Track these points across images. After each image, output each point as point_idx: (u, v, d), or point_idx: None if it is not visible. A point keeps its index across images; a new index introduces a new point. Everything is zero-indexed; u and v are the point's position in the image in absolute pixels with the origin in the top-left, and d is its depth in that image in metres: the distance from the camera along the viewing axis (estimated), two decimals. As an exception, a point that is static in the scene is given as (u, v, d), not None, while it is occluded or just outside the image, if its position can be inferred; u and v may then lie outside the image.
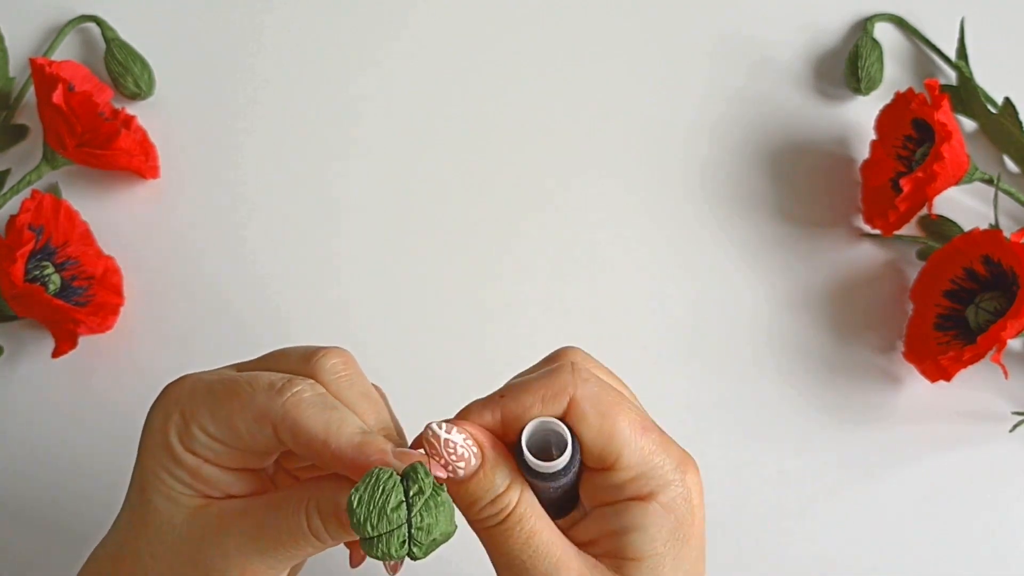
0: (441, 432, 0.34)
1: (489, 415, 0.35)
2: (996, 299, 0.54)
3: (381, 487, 0.32)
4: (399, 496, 0.32)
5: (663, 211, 0.60)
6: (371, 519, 0.32)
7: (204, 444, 0.36)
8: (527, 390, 0.35)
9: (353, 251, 0.59)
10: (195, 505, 0.36)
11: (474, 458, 0.34)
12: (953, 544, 0.54)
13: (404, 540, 0.32)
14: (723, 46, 0.63)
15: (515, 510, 0.35)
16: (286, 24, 0.63)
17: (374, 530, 0.32)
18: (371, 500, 0.32)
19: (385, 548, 0.32)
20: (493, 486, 0.35)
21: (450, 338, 0.57)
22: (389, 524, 0.32)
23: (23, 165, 0.59)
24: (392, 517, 0.32)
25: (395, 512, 0.32)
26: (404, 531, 0.32)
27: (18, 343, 0.56)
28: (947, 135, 0.54)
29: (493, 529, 0.35)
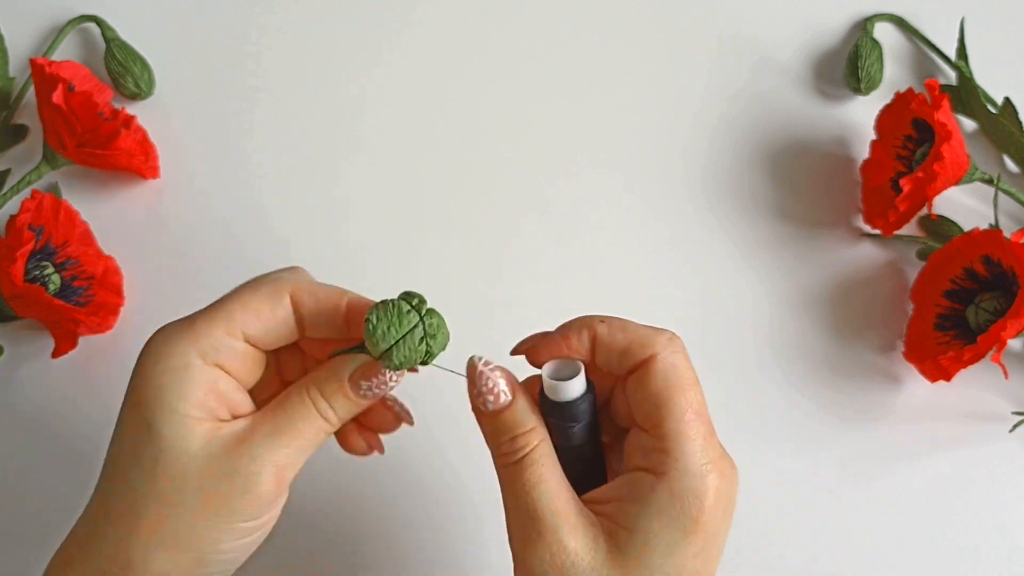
0: (479, 364, 0.38)
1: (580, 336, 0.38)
2: (996, 299, 0.54)
3: (390, 303, 0.37)
4: (407, 306, 0.37)
5: (663, 211, 0.60)
6: (393, 325, 0.37)
7: (228, 347, 0.38)
8: (625, 328, 0.38)
9: (354, 250, 0.59)
10: (206, 430, 0.37)
11: (503, 395, 0.38)
12: (953, 544, 0.54)
13: (422, 337, 0.37)
14: (723, 46, 0.63)
15: (531, 453, 0.37)
16: (286, 24, 0.63)
17: (397, 333, 0.37)
18: (386, 313, 0.37)
19: (410, 347, 0.37)
20: (517, 423, 0.38)
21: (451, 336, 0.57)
22: (408, 324, 0.37)
23: (23, 165, 0.59)
24: (408, 318, 0.37)
25: (408, 315, 0.37)
26: (420, 329, 0.37)
27: (18, 343, 0.56)
28: (947, 135, 0.54)
29: (510, 467, 0.38)
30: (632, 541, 0.36)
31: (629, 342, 0.38)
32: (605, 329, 0.38)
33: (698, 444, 0.37)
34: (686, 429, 0.37)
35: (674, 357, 0.38)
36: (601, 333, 0.38)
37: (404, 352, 0.37)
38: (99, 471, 0.40)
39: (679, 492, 0.36)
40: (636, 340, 0.38)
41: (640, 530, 0.36)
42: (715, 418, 0.55)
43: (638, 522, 0.36)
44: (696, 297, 0.58)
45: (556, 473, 0.38)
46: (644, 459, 0.37)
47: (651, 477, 0.37)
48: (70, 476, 0.54)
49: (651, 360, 0.37)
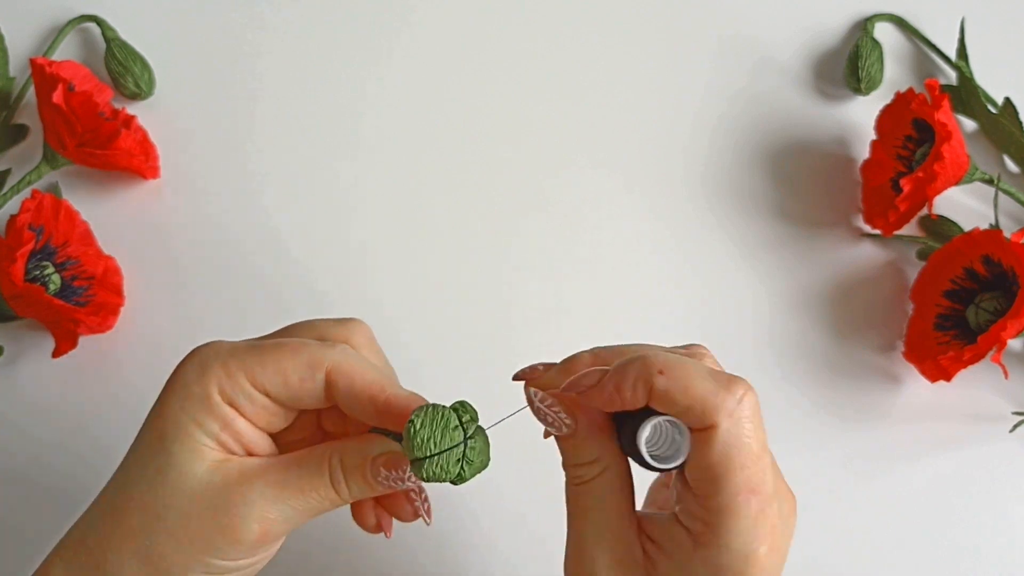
0: (535, 399, 0.37)
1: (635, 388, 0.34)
2: (996, 299, 0.54)
3: (440, 412, 0.36)
4: (455, 421, 0.36)
5: (664, 210, 0.60)
6: (434, 437, 0.35)
7: (246, 393, 0.37)
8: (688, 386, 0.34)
9: (355, 250, 0.59)
10: (217, 459, 0.37)
11: (564, 427, 0.36)
12: (953, 544, 0.54)
13: (459, 458, 0.36)
14: (723, 46, 0.63)
15: (592, 482, 0.37)
16: (286, 24, 0.63)
17: (436, 447, 0.35)
18: (433, 422, 0.35)
19: (443, 464, 0.35)
20: (579, 454, 0.37)
21: (449, 337, 0.57)
22: (450, 442, 0.35)
23: (23, 165, 0.59)
24: (453, 435, 0.35)
25: (455, 431, 0.35)
26: (460, 450, 0.36)
27: (18, 343, 0.56)
28: (947, 135, 0.54)
29: (571, 488, 0.37)
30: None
31: (689, 405, 0.33)
32: (663, 383, 0.34)
33: (747, 523, 0.34)
34: (736, 508, 0.34)
35: (738, 428, 0.34)
36: (659, 387, 0.34)
37: (435, 468, 0.35)
38: (99, 470, 0.40)
39: (716, 567, 0.35)
40: (698, 403, 0.33)
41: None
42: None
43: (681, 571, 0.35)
44: (696, 297, 0.58)
45: (614, 501, 0.37)
46: (688, 519, 0.36)
47: (691, 542, 0.35)
48: (70, 475, 0.54)
49: (711, 430, 0.34)
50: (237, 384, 0.37)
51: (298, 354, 0.37)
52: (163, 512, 0.37)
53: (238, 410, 0.37)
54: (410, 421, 0.35)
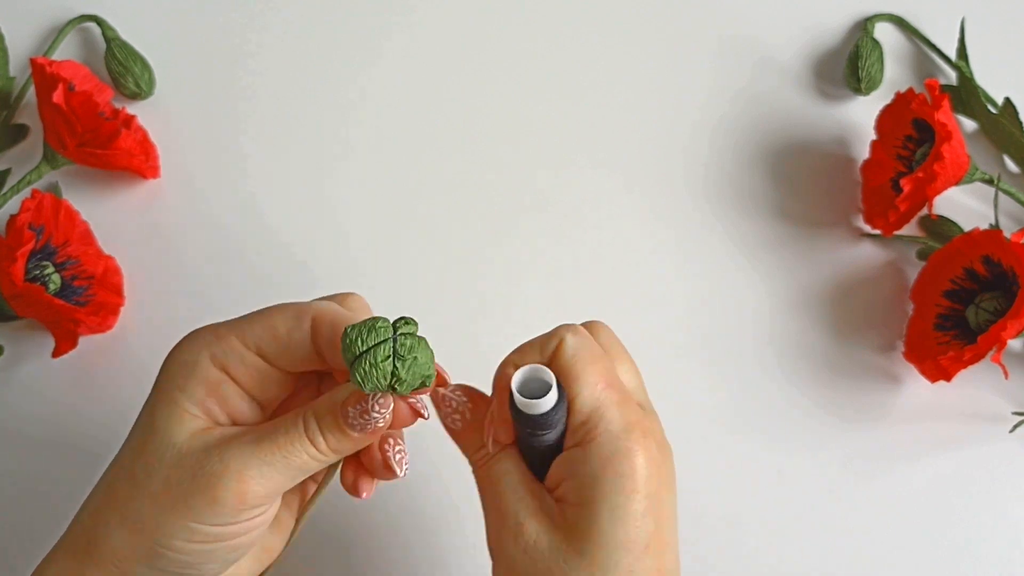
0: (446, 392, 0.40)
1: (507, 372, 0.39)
2: (996, 299, 0.54)
3: (374, 318, 0.36)
4: (386, 322, 0.36)
5: (664, 210, 0.60)
6: (361, 335, 0.35)
7: (237, 354, 0.38)
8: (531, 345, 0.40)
9: (354, 250, 0.59)
10: (199, 427, 0.38)
11: (468, 413, 0.40)
12: (953, 544, 0.54)
13: (389, 355, 0.35)
14: (724, 46, 0.63)
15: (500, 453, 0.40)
16: (286, 24, 0.63)
17: (363, 344, 0.35)
18: (363, 324, 0.35)
19: (372, 359, 0.35)
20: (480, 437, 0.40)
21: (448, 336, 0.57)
22: (376, 337, 0.35)
23: (23, 165, 0.59)
24: (380, 331, 0.35)
25: (382, 329, 0.36)
26: (389, 346, 0.35)
27: (18, 343, 0.56)
28: (947, 135, 0.54)
29: (479, 471, 0.40)
30: (581, 515, 0.37)
31: (539, 347, 0.39)
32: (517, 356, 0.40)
33: (614, 410, 0.38)
34: (600, 397, 0.38)
35: (576, 339, 0.39)
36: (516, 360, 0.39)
37: (365, 365, 0.35)
38: (99, 470, 0.40)
39: (607, 455, 0.38)
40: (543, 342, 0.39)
41: (584, 502, 0.37)
42: (715, 417, 0.56)
43: (581, 494, 0.38)
44: (696, 297, 0.58)
45: (521, 469, 0.39)
46: (572, 437, 0.39)
47: (578, 449, 0.38)
48: (70, 475, 0.54)
49: (559, 346, 0.39)
50: (227, 344, 0.38)
51: (285, 309, 0.39)
52: (145, 479, 0.37)
53: (228, 372, 0.38)
54: (344, 329, 0.36)
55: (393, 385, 0.36)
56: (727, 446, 0.55)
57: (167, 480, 0.37)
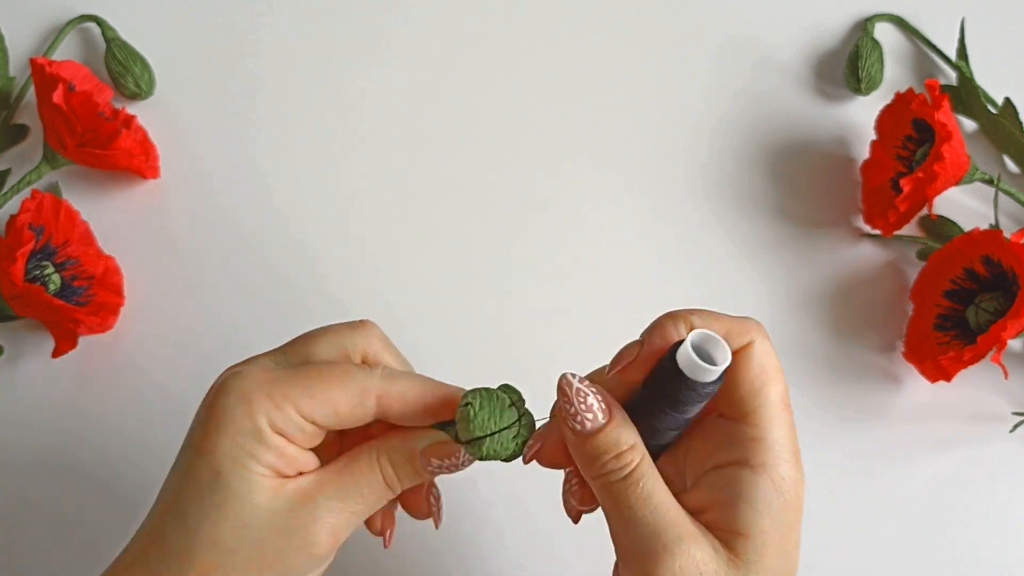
0: (574, 381, 0.37)
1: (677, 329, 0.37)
2: (996, 299, 0.54)
3: (494, 394, 0.38)
4: (509, 401, 0.38)
5: (664, 210, 0.60)
6: (494, 417, 0.37)
7: (296, 425, 0.38)
8: (718, 318, 0.37)
9: (355, 249, 0.59)
10: (273, 486, 0.38)
11: (601, 414, 0.36)
12: (953, 544, 0.54)
13: (515, 435, 0.38)
14: (724, 47, 0.63)
15: (638, 467, 0.36)
16: (286, 24, 0.63)
17: (496, 425, 0.37)
18: (489, 403, 0.38)
19: (503, 441, 0.38)
20: (619, 441, 0.36)
21: (449, 337, 0.57)
22: (508, 419, 0.38)
23: (23, 165, 0.59)
24: (509, 413, 0.38)
25: (510, 410, 0.38)
26: (517, 428, 0.38)
27: (18, 343, 0.56)
28: (947, 135, 0.54)
29: (615, 484, 0.36)
30: (749, 545, 0.36)
31: (727, 330, 0.36)
32: (699, 320, 0.37)
33: (789, 434, 0.37)
34: (778, 415, 0.37)
35: (767, 344, 0.37)
36: (697, 324, 0.36)
37: (495, 445, 0.38)
38: (98, 470, 0.40)
39: (779, 483, 0.36)
40: (734, 328, 0.37)
41: (754, 533, 0.36)
42: (715, 418, 0.56)
43: (750, 524, 0.36)
44: (696, 297, 0.58)
45: (663, 485, 0.37)
46: (732, 451, 0.37)
47: (748, 471, 0.36)
48: (70, 476, 0.54)
49: (749, 347, 0.37)
50: (286, 416, 0.38)
51: (345, 384, 0.38)
52: (235, 546, 0.37)
53: (288, 439, 0.38)
54: (467, 404, 0.37)
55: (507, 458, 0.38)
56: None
57: (260, 544, 0.37)
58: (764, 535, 0.36)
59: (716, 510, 0.37)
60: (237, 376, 0.38)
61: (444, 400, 0.39)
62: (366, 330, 0.41)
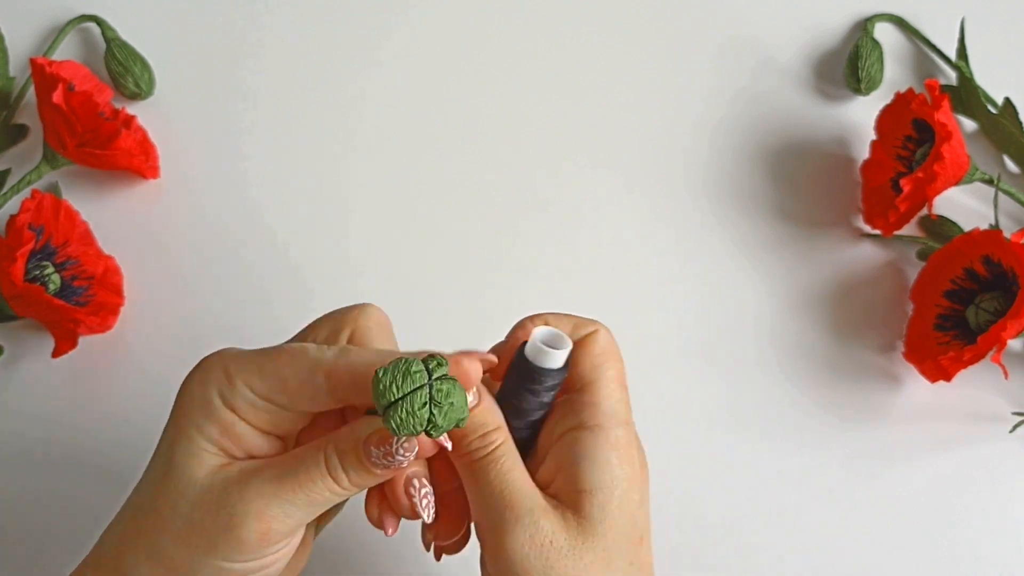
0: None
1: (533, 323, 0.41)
2: (996, 299, 0.54)
3: (404, 360, 0.34)
4: (420, 366, 0.34)
5: (664, 211, 0.60)
6: (396, 380, 0.34)
7: (246, 399, 0.37)
8: (569, 316, 0.42)
9: (354, 250, 0.59)
10: (217, 463, 0.38)
11: (472, 396, 0.38)
12: (953, 544, 0.54)
13: (426, 401, 0.34)
14: (724, 47, 0.63)
15: (500, 447, 0.39)
16: (286, 24, 0.63)
17: (398, 391, 0.34)
18: (395, 368, 0.34)
19: (408, 407, 0.34)
20: (485, 422, 0.39)
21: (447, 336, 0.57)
22: (412, 383, 0.34)
23: (23, 165, 0.59)
24: (415, 377, 0.34)
25: (417, 374, 0.34)
26: (426, 392, 0.34)
27: (18, 343, 0.56)
28: (947, 135, 0.54)
29: (478, 462, 0.39)
30: (595, 502, 0.38)
31: (574, 323, 0.41)
32: (553, 318, 0.41)
33: (621, 406, 0.40)
34: (615, 391, 0.40)
35: (610, 336, 0.41)
36: (551, 320, 0.41)
37: (401, 413, 0.34)
38: (98, 470, 0.40)
39: (614, 440, 0.39)
40: (579, 323, 0.41)
41: (596, 488, 0.38)
42: (715, 417, 0.56)
43: (592, 479, 0.38)
44: (696, 297, 0.58)
45: (521, 466, 0.39)
46: (574, 417, 0.40)
47: (585, 432, 0.39)
48: (70, 475, 0.54)
49: (593, 334, 0.41)
50: (236, 389, 0.37)
51: (296, 360, 0.37)
52: (169, 515, 0.37)
53: (238, 414, 0.38)
54: (375, 373, 0.34)
55: (428, 431, 0.35)
56: (727, 446, 0.55)
57: (191, 519, 0.37)
58: (607, 489, 0.38)
59: (562, 473, 0.39)
60: (213, 353, 0.39)
61: None
62: (363, 312, 0.40)
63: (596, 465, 0.38)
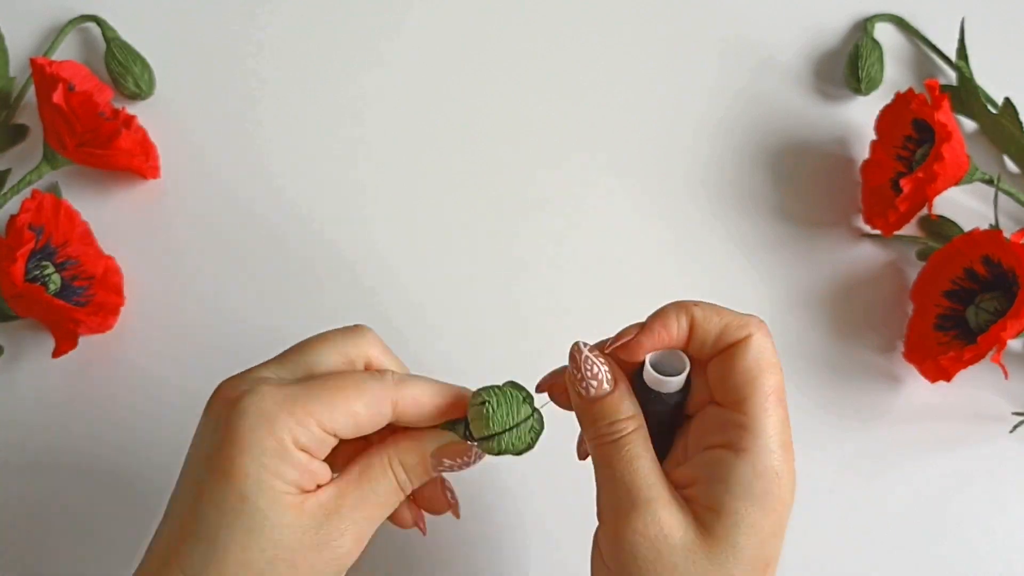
0: (584, 350, 0.40)
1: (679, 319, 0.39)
2: (996, 299, 0.54)
3: (506, 392, 0.40)
4: (522, 397, 0.40)
5: (664, 211, 0.60)
6: (511, 412, 0.39)
7: (319, 439, 0.38)
8: (720, 312, 0.39)
9: (355, 249, 0.59)
10: (297, 503, 0.38)
11: (606, 383, 0.39)
12: (953, 544, 0.54)
13: (530, 428, 0.40)
14: (724, 47, 0.63)
15: (630, 435, 0.39)
16: (286, 24, 0.63)
17: (512, 421, 0.39)
18: (504, 399, 0.39)
19: (520, 435, 0.39)
20: (617, 410, 0.39)
21: (450, 338, 0.57)
22: (524, 414, 0.39)
23: (23, 165, 0.59)
24: (524, 408, 0.39)
25: (524, 406, 0.40)
26: (531, 422, 0.40)
27: (18, 343, 0.56)
28: (947, 135, 0.54)
29: (607, 445, 0.39)
30: (720, 523, 0.37)
31: (726, 323, 0.39)
32: (701, 312, 0.39)
33: (778, 424, 0.38)
34: (769, 407, 0.38)
35: (766, 340, 0.39)
36: (698, 316, 0.39)
37: (512, 440, 0.39)
38: (98, 470, 0.40)
39: (761, 469, 0.37)
40: (733, 321, 0.39)
41: (726, 512, 0.37)
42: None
43: (724, 503, 0.37)
44: (697, 297, 0.58)
45: (650, 454, 0.39)
46: (722, 435, 0.38)
47: (731, 454, 0.38)
48: (70, 475, 0.54)
49: (747, 339, 0.39)
50: (310, 431, 0.38)
51: (363, 394, 0.39)
52: (268, 567, 0.37)
53: (311, 453, 0.38)
54: (484, 402, 0.39)
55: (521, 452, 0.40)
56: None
57: (292, 563, 0.37)
58: (737, 515, 0.37)
59: (697, 486, 0.38)
60: (253, 395, 0.38)
61: (455, 400, 0.40)
62: (364, 336, 0.41)
63: (733, 491, 0.37)
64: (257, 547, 0.37)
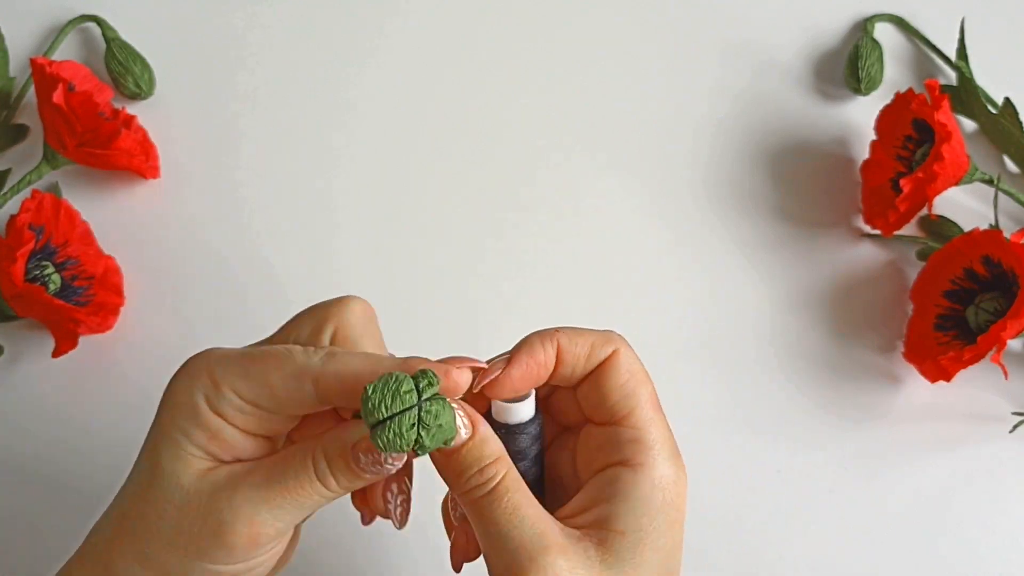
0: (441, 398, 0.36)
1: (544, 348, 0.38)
2: (996, 299, 0.54)
3: (394, 377, 0.34)
4: (410, 384, 0.34)
5: (664, 211, 0.60)
6: (385, 400, 0.33)
7: (233, 405, 0.37)
8: (581, 332, 0.38)
9: (354, 251, 0.59)
10: (204, 467, 0.37)
11: (464, 429, 0.36)
12: (953, 544, 0.54)
13: (414, 422, 0.34)
14: (725, 48, 0.63)
15: (502, 482, 0.36)
16: (286, 24, 0.63)
17: (387, 410, 0.33)
18: (385, 386, 0.34)
19: (396, 428, 0.33)
20: (483, 455, 0.36)
21: (448, 339, 0.57)
22: (401, 404, 0.34)
23: (23, 165, 0.59)
24: (404, 398, 0.34)
25: (407, 395, 0.34)
26: (415, 413, 0.34)
27: (18, 343, 0.56)
28: (947, 135, 0.54)
29: (482, 499, 0.36)
30: (625, 543, 0.36)
31: (591, 343, 0.38)
32: (566, 338, 0.38)
33: (665, 433, 0.38)
34: (654, 418, 0.38)
35: (630, 351, 0.39)
36: (563, 342, 0.38)
37: (388, 434, 0.34)
38: (98, 470, 0.40)
39: (659, 481, 0.37)
40: (597, 340, 0.38)
41: (631, 530, 0.36)
42: (715, 417, 0.56)
43: (627, 521, 0.36)
44: (697, 297, 0.58)
45: (529, 497, 0.37)
46: (615, 453, 0.37)
47: (628, 471, 0.37)
48: (70, 475, 0.54)
49: (614, 355, 0.38)
50: (222, 395, 0.37)
51: (283, 365, 0.37)
52: (157, 520, 0.37)
53: (225, 419, 0.37)
54: (364, 389, 0.34)
55: (415, 450, 0.34)
56: (727, 446, 0.55)
57: (178, 525, 0.36)
58: (641, 532, 0.36)
59: (597, 508, 0.37)
60: (196, 355, 0.38)
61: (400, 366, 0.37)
62: (344, 306, 0.39)
63: (635, 508, 0.36)
64: (153, 498, 0.37)
